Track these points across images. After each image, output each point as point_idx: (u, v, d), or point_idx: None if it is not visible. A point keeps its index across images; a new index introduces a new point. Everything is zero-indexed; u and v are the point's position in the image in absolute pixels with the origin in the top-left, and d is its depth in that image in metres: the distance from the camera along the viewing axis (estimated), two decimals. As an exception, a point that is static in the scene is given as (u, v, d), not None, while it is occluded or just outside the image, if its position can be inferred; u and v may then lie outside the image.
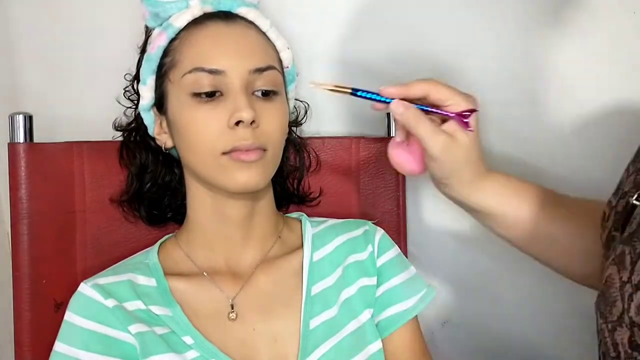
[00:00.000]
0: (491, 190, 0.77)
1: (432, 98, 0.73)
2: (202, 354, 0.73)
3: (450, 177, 0.75)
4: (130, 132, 0.87)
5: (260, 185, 0.75)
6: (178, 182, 0.86)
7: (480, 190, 0.77)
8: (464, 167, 0.74)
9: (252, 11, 0.80)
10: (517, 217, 0.78)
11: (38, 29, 1.02)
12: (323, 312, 0.79)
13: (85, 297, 0.74)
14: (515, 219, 0.78)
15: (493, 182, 0.77)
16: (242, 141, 0.72)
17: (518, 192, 0.78)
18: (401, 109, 0.72)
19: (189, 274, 0.80)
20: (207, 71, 0.74)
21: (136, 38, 0.85)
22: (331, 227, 0.87)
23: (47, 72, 1.02)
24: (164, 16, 0.78)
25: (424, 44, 1.02)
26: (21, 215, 0.87)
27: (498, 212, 0.78)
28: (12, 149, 0.87)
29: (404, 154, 0.77)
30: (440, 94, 0.72)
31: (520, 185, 0.79)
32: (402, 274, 0.85)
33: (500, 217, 0.78)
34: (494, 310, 1.08)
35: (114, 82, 0.87)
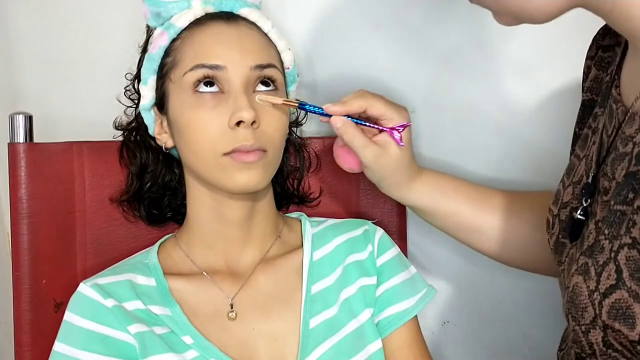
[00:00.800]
0: (422, 190, 0.86)
1: (370, 113, 0.80)
2: (202, 354, 0.73)
3: (383, 181, 0.84)
4: (131, 132, 0.87)
5: (261, 185, 0.75)
6: (178, 182, 0.86)
7: (412, 192, 0.85)
8: (394, 174, 0.83)
9: (254, 12, 0.80)
10: (448, 212, 0.87)
11: (38, 29, 1.02)
12: (323, 311, 0.79)
13: (85, 297, 0.74)
14: (447, 213, 0.87)
15: (423, 183, 0.86)
16: (243, 142, 0.72)
17: (446, 189, 0.87)
18: (339, 124, 0.79)
19: (188, 273, 0.80)
20: (208, 67, 0.74)
21: (136, 38, 0.85)
22: (331, 226, 0.87)
23: (47, 72, 1.02)
24: (166, 16, 0.78)
25: (424, 44, 1.02)
26: (21, 215, 0.86)
27: (431, 209, 0.87)
28: (12, 149, 0.87)
29: (345, 154, 0.84)
30: (376, 110, 0.80)
31: (448, 182, 0.88)
32: (402, 273, 0.85)
33: (434, 213, 0.87)
34: (494, 310, 1.08)
35: (114, 82, 0.87)
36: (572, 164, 0.74)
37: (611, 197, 0.61)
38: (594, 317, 0.58)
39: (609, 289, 0.57)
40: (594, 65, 0.76)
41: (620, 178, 0.60)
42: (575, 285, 0.62)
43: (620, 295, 0.56)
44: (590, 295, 0.59)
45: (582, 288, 0.60)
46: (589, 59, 0.77)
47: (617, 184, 0.61)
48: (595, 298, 0.58)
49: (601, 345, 0.59)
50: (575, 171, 0.72)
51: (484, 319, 1.09)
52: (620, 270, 0.56)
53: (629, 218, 0.57)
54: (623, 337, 0.56)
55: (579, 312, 0.60)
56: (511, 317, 1.08)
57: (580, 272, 0.61)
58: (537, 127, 1.02)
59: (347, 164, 0.85)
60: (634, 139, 0.60)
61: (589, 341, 0.60)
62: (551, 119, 1.01)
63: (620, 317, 0.56)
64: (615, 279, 0.57)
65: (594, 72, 0.76)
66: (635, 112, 0.61)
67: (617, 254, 0.57)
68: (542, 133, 1.02)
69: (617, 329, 0.56)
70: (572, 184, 0.71)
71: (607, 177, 0.63)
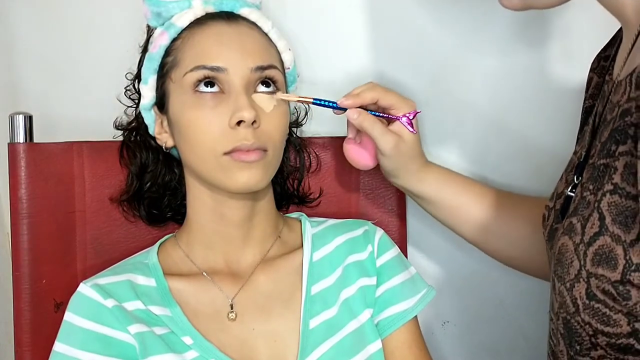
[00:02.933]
0: (430, 180, 0.88)
1: (382, 103, 0.83)
2: (202, 354, 0.73)
3: (399, 169, 0.86)
4: (131, 132, 0.87)
5: (261, 185, 0.75)
6: (178, 181, 0.86)
7: (422, 180, 0.88)
8: (410, 161, 0.86)
9: (254, 12, 0.80)
10: (452, 203, 0.89)
11: (38, 29, 1.02)
12: (323, 311, 0.79)
13: (85, 297, 0.74)
14: (450, 204, 0.89)
15: (432, 173, 0.89)
16: (244, 141, 0.72)
17: (452, 182, 0.90)
18: (356, 115, 0.81)
19: (188, 274, 0.80)
20: (209, 69, 0.74)
21: (136, 38, 0.85)
22: (331, 227, 0.87)
23: (47, 72, 1.02)
24: (166, 16, 0.79)
25: (424, 44, 1.02)
26: (21, 215, 0.87)
27: (437, 199, 0.89)
28: (12, 149, 0.87)
29: (358, 150, 0.87)
30: (388, 100, 0.83)
31: (455, 176, 0.91)
32: (402, 274, 0.85)
33: (439, 203, 0.90)
34: (494, 310, 1.08)
35: (114, 82, 0.87)
36: (570, 161, 0.75)
37: (595, 157, 0.62)
38: (579, 270, 0.59)
39: (592, 237, 0.58)
40: (596, 74, 0.78)
41: (603, 138, 0.62)
42: (561, 246, 0.63)
43: (604, 241, 0.57)
44: (576, 249, 0.60)
45: (567, 245, 0.62)
46: (591, 71, 0.79)
47: (601, 144, 0.62)
48: (581, 250, 0.59)
49: (584, 297, 0.59)
50: (570, 164, 0.74)
51: (484, 319, 1.09)
52: (603, 217, 0.58)
53: (611, 167, 0.58)
54: (605, 281, 0.57)
55: (565, 269, 0.61)
56: (511, 317, 1.08)
57: (566, 232, 0.63)
58: (538, 128, 1.02)
59: (363, 160, 0.86)
60: (619, 103, 0.61)
61: (572, 297, 0.60)
62: (552, 120, 1.01)
63: (604, 261, 0.57)
64: (598, 226, 0.58)
65: (595, 80, 0.78)
66: (621, 80, 0.62)
67: (599, 203, 0.58)
68: (542, 134, 1.02)
69: (600, 274, 0.57)
70: (565, 174, 0.73)
71: (594, 146, 0.64)
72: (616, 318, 0.57)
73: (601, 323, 0.58)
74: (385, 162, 0.85)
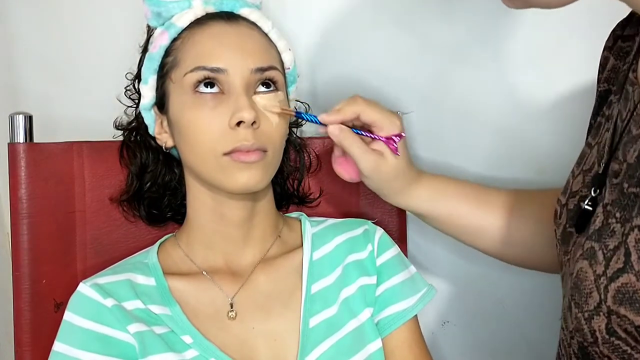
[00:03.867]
0: (422, 195, 0.85)
1: (364, 119, 0.80)
2: (202, 353, 0.73)
3: (382, 189, 0.84)
4: (131, 132, 0.87)
5: (261, 185, 0.75)
6: (178, 181, 0.86)
7: (412, 197, 0.85)
8: (393, 181, 0.82)
9: (254, 12, 0.80)
10: (449, 214, 0.86)
11: (38, 29, 1.02)
12: (323, 311, 0.79)
13: (85, 297, 0.74)
14: (448, 215, 0.86)
15: (422, 187, 0.85)
16: (243, 142, 0.72)
17: (446, 192, 0.86)
18: (336, 132, 0.78)
19: (188, 273, 0.80)
20: (209, 69, 0.74)
21: (136, 38, 0.85)
22: (331, 226, 0.87)
23: (47, 72, 1.03)
24: (166, 16, 0.79)
25: (424, 44, 1.02)
26: (21, 215, 0.87)
27: (432, 213, 0.86)
28: (12, 149, 0.87)
29: (344, 163, 0.84)
30: (369, 117, 0.79)
31: (447, 184, 0.87)
32: (402, 273, 0.85)
33: (436, 217, 0.87)
34: (494, 310, 1.08)
35: (114, 83, 0.87)
36: (583, 153, 0.72)
37: (622, 179, 0.59)
38: (599, 303, 0.57)
39: (616, 273, 0.55)
40: (612, 55, 0.73)
41: (632, 159, 0.58)
42: (579, 271, 0.60)
43: (628, 280, 0.54)
44: (597, 280, 0.57)
45: (587, 273, 0.59)
46: (606, 50, 0.75)
47: (628, 166, 0.59)
48: (602, 282, 0.56)
49: (604, 332, 0.57)
50: (586, 159, 0.70)
51: (484, 318, 1.09)
52: (629, 253, 0.54)
53: None
54: (628, 323, 0.54)
55: (583, 298, 0.59)
56: (511, 317, 1.08)
57: (586, 256, 0.60)
58: (539, 127, 1.02)
59: (347, 173, 0.84)
60: None
61: (591, 328, 0.58)
62: (553, 118, 1.01)
63: (627, 302, 0.54)
64: (623, 262, 0.55)
65: (612, 62, 0.73)
66: None
67: (627, 237, 0.55)
68: (543, 132, 1.02)
69: (622, 314, 0.54)
70: (582, 172, 0.69)
71: (618, 160, 0.61)
72: (638, 357, 0.55)
73: (621, 359, 0.56)
74: (367, 181, 0.83)
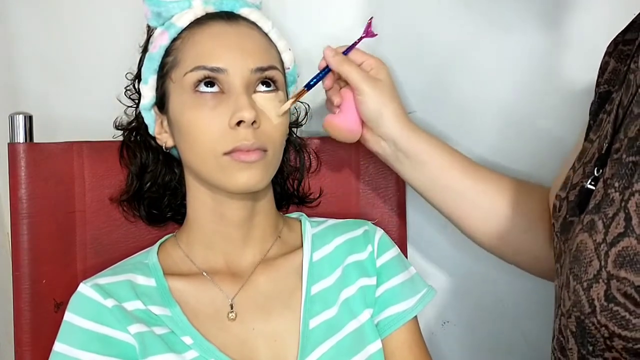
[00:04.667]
0: (423, 136, 0.85)
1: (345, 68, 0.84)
2: (202, 354, 0.73)
3: (383, 109, 0.83)
4: (131, 132, 0.87)
5: (261, 185, 0.75)
6: (178, 181, 0.86)
7: (414, 132, 0.85)
8: (392, 99, 0.84)
9: (254, 12, 0.80)
10: (441, 166, 0.85)
11: (38, 29, 1.02)
12: (323, 311, 0.79)
13: (85, 297, 0.74)
14: (439, 167, 0.85)
15: (423, 132, 0.86)
16: (244, 141, 0.72)
17: (444, 146, 0.86)
18: (332, 52, 0.84)
19: (188, 273, 0.80)
20: (209, 69, 0.74)
21: (136, 38, 0.85)
22: (331, 227, 0.87)
23: (47, 72, 1.02)
24: (166, 16, 0.79)
25: (425, 45, 1.02)
26: (21, 215, 0.87)
27: (425, 158, 0.85)
28: (12, 149, 0.87)
29: (341, 115, 0.86)
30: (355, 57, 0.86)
31: (446, 145, 0.87)
32: (402, 274, 0.85)
33: (426, 164, 0.85)
34: (494, 310, 1.08)
35: (114, 83, 0.87)
36: (583, 149, 0.73)
37: (622, 153, 0.60)
38: (599, 270, 0.57)
39: (616, 238, 0.56)
40: (613, 58, 0.75)
41: (632, 133, 0.59)
42: (579, 243, 0.61)
43: (629, 243, 0.55)
44: (597, 248, 0.58)
45: (587, 244, 0.60)
46: (606, 55, 0.76)
47: (628, 140, 0.60)
48: (602, 249, 0.57)
49: (602, 299, 0.57)
50: (587, 153, 0.71)
51: (484, 318, 1.09)
52: (629, 217, 0.56)
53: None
54: (628, 285, 0.55)
55: (582, 268, 0.59)
56: (511, 317, 1.08)
57: (586, 229, 0.61)
58: (541, 124, 1.02)
59: (345, 124, 0.85)
60: None
61: (589, 297, 0.58)
62: (556, 115, 1.00)
63: (627, 264, 0.55)
64: (623, 227, 0.56)
65: (613, 65, 0.75)
66: None
67: (627, 203, 0.56)
68: (545, 129, 1.01)
69: (622, 277, 0.55)
70: (583, 165, 0.71)
71: (619, 140, 0.62)
72: (636, 322, 0.55)
73: (619, 326, 0.56)
74: (367, 103, 0.83)
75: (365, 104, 0.83)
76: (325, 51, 0.85)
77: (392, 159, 0.87)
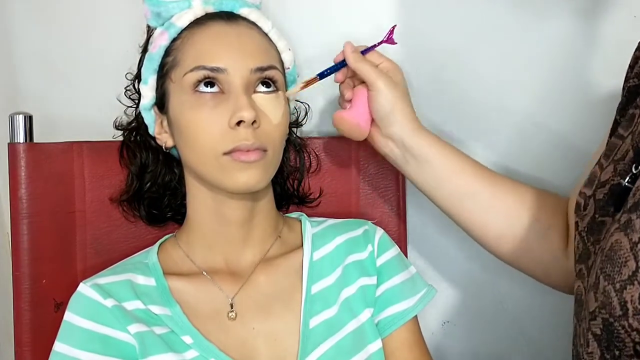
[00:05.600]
0: (431, 139, 0.85)
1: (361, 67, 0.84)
2: (202, 354, 0.73)
3: (395, 108, 0.84)
4: (131, 132, 0.87)
5: (261, 185, 0.75)
6: (178, 182, 0.86)
7: (423, 134, 0.85)
8: (404, 100, 0.85)
9: (254, 12, 0.80)
10: (450, 169, 0.85)
11: (38, 29, 1.02)
12: (323, 311, 0.79)
13: (85, 297, 0.74)
14: (449, 170, 0.85)
15: (432, 135, 0.86)
16: (244, 141, 0.72)
17: (452, 149, 0.86)
18: (351, 48, 0.85)
19: (188, 273, 0.80)
20: (209, 69, 0.74)
21: (136, 38, 0.85)
22: (331, 226, 0.87)
23: (47, 72, 1.03)
24: (166, 16, 0.79)
25: (424, 45, 1.02)
26: (21, 215, 0.87)
27: (433, 161, 0.85)
28: (12, 149, 0.87)
29: (351, 110, 0.86)
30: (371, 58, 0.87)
31: (454, 148, 0.87)
32: (402, 273, 0.85)
33: (434, 166, 0.85)
34: (494, 310, 1.08)
35: (114, 82, 0.87)
36: (612, 145, 0.71)
37: None
38: (634, 271, 0.55)
39: None
40: None
41: None
42: (614, 243, 0.59)
43: None
44: (633, 247, 0.56)
45: (622, 243, 0.57)
46: (637, 50, 0.74)
47: None
48: (639, 250, 0.55)
49: (637, 302, 0.55)
50: (617, 150, 0.69)
51: (484, 319, 1.09)
52: None
53: None
54: None
55: (616, 268, 0.57)
56: (511, 317, 1.08)
57: (622, 228, 0.58)
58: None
59: (354, 118, 0.86)
60: None
61: (621, 299, 0.56)
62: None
63: None
64: None
65: None
66: None
67: None
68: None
69: None
70: (613, 162, 0.68)
71: None
72: None
73: None
74: (380, 101, 0.83)
75: (377, 101, 0.83)
76: (345, 45, 0.85)
77: (400, 160, 0.86)
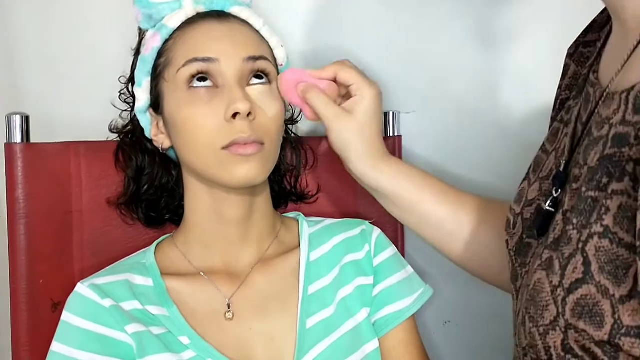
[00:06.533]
0: (388, 172, 0.81)
1: (340, 78, 0.79)
2: (199, 354, 0.73)
3: (346, 148, 0.79)
4: (127, 135, 0.87)
5: (260, 178, 0.75)
6: (175, 183, 0.86)
7: (377, 171, 0.80)
8: (357, 141, 0.79)
9: (244, 10, 0.80)
10: (411, 199, 0.82)
11: (37, 29, 1.02)
12: (320, 311, 0.79)
13: (82, 297, 0.74)
14: (410, 200, 0.82)
15: (390, 165, 0.81)
16: (241, 134, 0.72)
17: (413, 177, 0.82)
18: (302, 87, 0.79)
19: (186, 273, 0.80)
20: (201, 60, 0.74)
21: (134, 39, 0.85)
22: (328, 226, 0.87)
23: (44, 73, 1.03)
24: (157, 18, 0.79)
25: (420, 42, 1.02)
26: (18, 216, 0.87)
27: (393, 194, 0.82)
28: (9, 149, 0.87)
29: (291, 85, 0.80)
30: (347, 75, 0.79)
31: (416, 171, 0.83)
32: (399, 273, 0.85)
33: (395, 198, 0.82)
34: (494, 310, 1.08)
35: (112, 83, 0.87)
36: (538, 159, 0.70)
37: (582, 183, 0.56)
38: (556, 317, 0.53)
39: (574, 284, 0.52)
40: (573, 62, 0.72)
41: (593, 163, 0.55)
42: (537, 282, 0.57)
43: (587, 291, 0.51)
44: (553, 291, 0.54)
45: (544, 284, 0.56)
46: (567, 57, 0.74)
47: (589, 169, 0.55)
48: (559, 294, 0.53)
49: (559, 349, 0.53)
50: (543, 166, 0.68)
51: (484, 318, 1.09)
52: (588, 262, 0.51)
53: (601, 204, 0.51)
54: (587, 338, 0.51)
55: (539, 312, 0.55)
56: (511, 317, 1.07)
57: (544, 267, 0.57)
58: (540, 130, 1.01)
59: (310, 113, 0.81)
60: (611, 121, 0.54)
61: (545, 345, 0.55)
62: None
63: (586, 315, 0.51)
64: (582, 272, 0.51)
65: (573, 69, 0.72)
66: (614, 92, 0.56)
67: (585, 245, 0.52)
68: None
69: (581, 328, 0.51)
70: (539, 180, 0.67)
71: (579, 164, 0.58)
72: None
73: None
74: (331, 137, 0.79)
75: (330, 139, 0.80)
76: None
77: (368, 190, 0.85)
